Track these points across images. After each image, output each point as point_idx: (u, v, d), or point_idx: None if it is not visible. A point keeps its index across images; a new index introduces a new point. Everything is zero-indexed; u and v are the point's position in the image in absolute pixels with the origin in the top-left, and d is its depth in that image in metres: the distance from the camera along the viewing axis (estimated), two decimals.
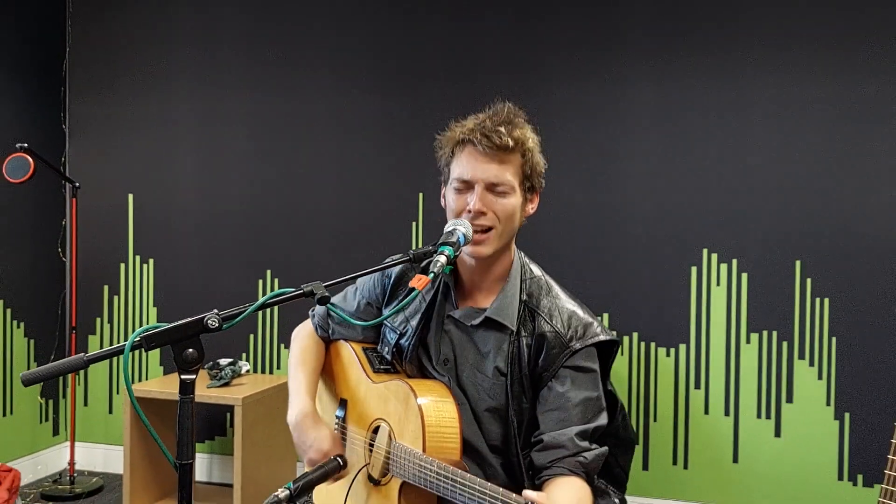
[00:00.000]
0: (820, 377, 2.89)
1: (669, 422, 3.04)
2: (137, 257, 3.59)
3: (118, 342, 3.61)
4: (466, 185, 1.48)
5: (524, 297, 1.52)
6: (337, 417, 1.67)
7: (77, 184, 3.32)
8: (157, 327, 1.07)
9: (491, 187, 1.46)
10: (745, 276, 2.96)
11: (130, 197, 3.59)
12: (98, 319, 3.63)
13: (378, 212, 3.30)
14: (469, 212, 1.45)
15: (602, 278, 3.09)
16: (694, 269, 3.02)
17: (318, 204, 3.38)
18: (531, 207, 1.57)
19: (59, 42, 3.62)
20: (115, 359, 3.53)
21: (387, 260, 1.49)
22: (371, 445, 1.55)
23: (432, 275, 1.29)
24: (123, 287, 3.61)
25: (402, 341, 1.61)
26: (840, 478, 2.88)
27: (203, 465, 3.50)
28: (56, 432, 3.61)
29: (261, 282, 3.45)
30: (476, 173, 1.46)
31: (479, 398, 1.52)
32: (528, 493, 1.21)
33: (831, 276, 2.87)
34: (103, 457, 3.60)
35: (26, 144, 3.01)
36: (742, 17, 2.95)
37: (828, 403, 2.89)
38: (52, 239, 3.60)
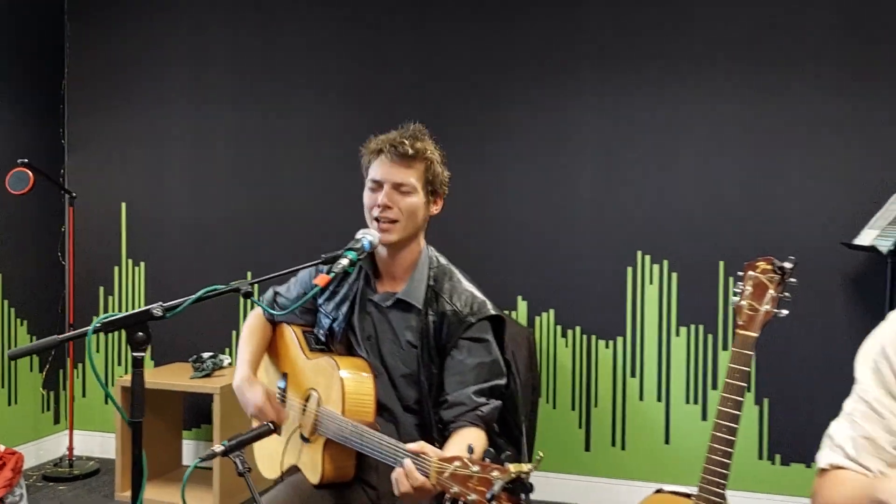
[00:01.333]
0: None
1: (608, 407, 3.35)
2: (130, 261, 3.92)
3: (111, 339, 3.95)
4: (378, 185, 1.81)
5: (431, 283, 1.83)
6: (279, 388, 1.99)
7: (74, 194, 3.65)
8: (113, 315, 1.39)
9: (397, 187, 1.79)
10: (674, 275, 3.27)
11: (123, 205, 3.93)
12: (94, 318, 3.95)
13: (349, 218, 3.60)
14: (378, 206, 1.77)
15: (548, 279, 3.40)
16: (630, 270, 3.33)
17: (295, 210, 3.70)
18: (435, 209, 1.88)
19: (58, 64, 3.96)
20: (112, 355, 3.87)
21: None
22: (304, 410, 1.87)
23: (332, 274, 1.62)
24: (117, 288, 3.94)
25: (334, 325, 1.92)
26: (760, 457, 3.18)
27: (190, 450, 3.83)
28: (57, 421, 3.94)
29: None
30: (385, 175, 1.79)
31: (395, 367, 1.83)
32: (409, 445, 1.51)
33: None
34: (100, 443, 3.94)
35: (26, 160, 3.34)
36: (671, 48, 3.26)
37: (749, 390, 3.19)
38: (53, 245, 3.94)
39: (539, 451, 3.40)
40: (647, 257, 3.30)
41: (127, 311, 3.87)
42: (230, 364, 3.59)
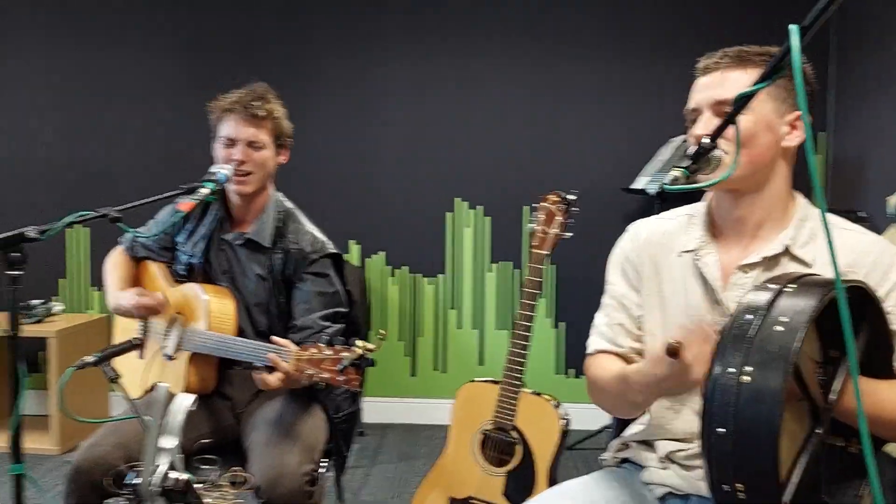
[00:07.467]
0: (543, 296, 3.74)
1: (431, 336, 3.78)
2: None
3: None
4: (231, 142, 2.02)
5: (278, 224, 2.09)
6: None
7: None
8: None
9: (250, 144, 2.02)
10: (487, 219, 3.73)
11: None
12: None
13: (177, 163, 3.69)
14: (234, 161, 1.99)
15: (378, 224, 3.74)
16: (449, 215, 3.74)
17: (122, 154, 3.72)
18: (283, 158, 2.14)
19: None
20: None
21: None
22: (168, 332, 2.07)
23: (194, 200, 1.83)
24: None
25: (192, 260, 2.13)
26: (557, 372, 3.76)
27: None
28: None
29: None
30: (238, 134, 2.01)
31: (248, 296, 2.08)
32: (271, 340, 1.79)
33: None
34: None
35: None
36: (476, 13, 3.66)
37: (548, 316, 3.75)
38: None
39: (371, 371, 3.76)
40: (465, 204, 3.73)
41: None
42: (63, 310, 3.58)
